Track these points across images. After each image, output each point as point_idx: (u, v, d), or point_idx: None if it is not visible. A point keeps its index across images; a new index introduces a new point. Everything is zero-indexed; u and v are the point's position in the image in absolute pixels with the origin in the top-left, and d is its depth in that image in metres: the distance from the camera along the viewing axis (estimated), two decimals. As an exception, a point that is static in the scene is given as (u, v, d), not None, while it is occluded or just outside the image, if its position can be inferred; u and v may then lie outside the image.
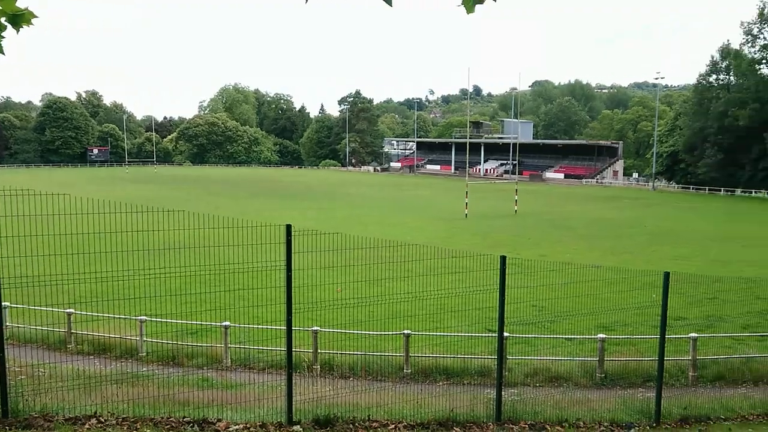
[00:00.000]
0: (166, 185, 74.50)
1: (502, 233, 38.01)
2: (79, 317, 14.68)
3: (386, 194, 67.54)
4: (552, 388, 11.81)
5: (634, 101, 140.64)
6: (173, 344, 13.85)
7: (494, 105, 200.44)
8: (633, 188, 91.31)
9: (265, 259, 8.25)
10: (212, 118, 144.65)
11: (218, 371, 12.91)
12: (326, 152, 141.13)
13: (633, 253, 32.25)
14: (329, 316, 14.84)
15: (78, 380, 8.77)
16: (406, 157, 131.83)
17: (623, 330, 16.21)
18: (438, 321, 16.60)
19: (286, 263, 6.52)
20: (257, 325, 14.16)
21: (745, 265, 28.82)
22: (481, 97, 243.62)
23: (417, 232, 37.24)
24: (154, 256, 12.34)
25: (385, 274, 17.42)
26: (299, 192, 67.75)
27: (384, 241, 17.72)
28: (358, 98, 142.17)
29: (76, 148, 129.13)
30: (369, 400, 7.89)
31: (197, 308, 15.62)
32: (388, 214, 47.56)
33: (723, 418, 9.10)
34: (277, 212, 45.47)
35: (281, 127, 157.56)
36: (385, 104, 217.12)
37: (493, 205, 54.34)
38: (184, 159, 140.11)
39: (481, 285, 15.96)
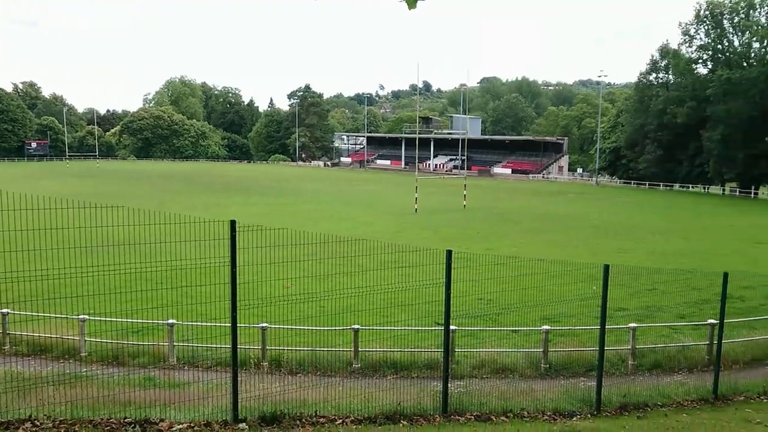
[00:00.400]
0: (110, 180, 72.37)
1: (451, 227, 38.44)
2: (15, 317, 14.12)
3: (336, 189, 67.34)
4: (498, 379, 12.03)
5: (578, 98, 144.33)
6: (116, 343, 13.48)
7: (443, 101, 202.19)
8: (577, 183, 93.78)
9: (210, 256, 8.11)
10: (158, 111, 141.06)
11: (163, 370, 12.63)
12: (276, 147, 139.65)
13: (577, 246, 33.12)
14: (278, 312, 14.70)
15: (13, 383, 8.44)
16: (357, 152, 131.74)
17: (567, 321, 16.64)
18: (387, 315, 16.65)
19: (231, 259, 6.42)
20: (203, 322, 13.93)
21: (683, 257, 29.99)
22: (431, 93, 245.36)
23: (367, 226, 37.29)
24: (95, 254, 11.97)
25: (334, 270, 17.34)
26: (248, 187, 66.84)
27: (333, 236, 17.71)
28: (308, 92, 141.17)
29: (13, 142, 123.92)
30: (317, 395, 7.87)
31: (141, 306, 15.22)
32: (338, 209, 47.46)
33: (660, 405, 9.45)
34: (225, 208, 44.78)
35: (229, 121, 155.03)
36: (336, 99, 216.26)
37: (442, 200, 54.86)
38: (128, 153, 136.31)
39: (430, 279, 16.13)
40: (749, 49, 74.29)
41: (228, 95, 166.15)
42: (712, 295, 20.32)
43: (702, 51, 78.67)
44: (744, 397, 10.35)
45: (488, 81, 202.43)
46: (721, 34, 75.92)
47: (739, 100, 68.93)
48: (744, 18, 74.10)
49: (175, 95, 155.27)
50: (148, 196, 51.75)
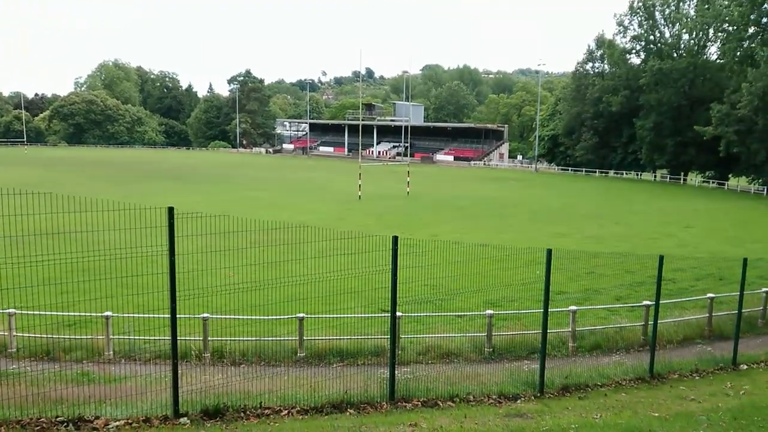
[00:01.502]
0: (39, 167, 69.18)
1: (395, 214, 38.53)
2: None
3: (279, 176, 66.45)
4: (444, 364, 12.11)
5: (518, 86, 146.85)
6: (48, 338, 12.85)
7: (386, 88, 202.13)
8: (517, 170, 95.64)
9: (147, 245, 7.76)
10: (90, 95, 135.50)
11: (99, 364, 12.13)
12: (216, 133, 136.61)
13: (517, 231, 33.79)
14: (220, 302, 14.35)
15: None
16: (299, 139, 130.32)
17: (510, 305, 16.91)
18: (332, 303, 16.50)
19: (169, 248, 6.15)
20: (142, 314, 13.45)
21: (618, 241, 31.02)
22: (374, 80, 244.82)
23: (310, 214, 36.93)
24: (22, 244, 11.33)
25: (278, 257, 17.06)
26: (187, 174, 65.15)
27: (275, 223, 17.37)
28: (249, 78, 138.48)
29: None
30: (261, 386, 7.69)
31: (75, 298, 14.58)
32: (281, 196, 46.85)
33: (600, 385, 9.70)
34: (163, 196, 43.50)
35: (167, 106, 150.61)
36: (277, 85, 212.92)
37: (386, 187, 54.93)
38: (58, 139, 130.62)
39: (375, 265, 16.07)
40: (679, 41, 77.19)
41: (165, 80, 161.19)
42: (646, 278, 21.09)
43: (635, 42, 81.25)
44: (678, 375, 10.76)
45: (430, 68, 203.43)
46: (653, 25, 78.57)
47: (669, 89, 71.62)
48: (674, 10, 76.89)
49: (109, 79, 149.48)
50: (80, 184, 49.73)
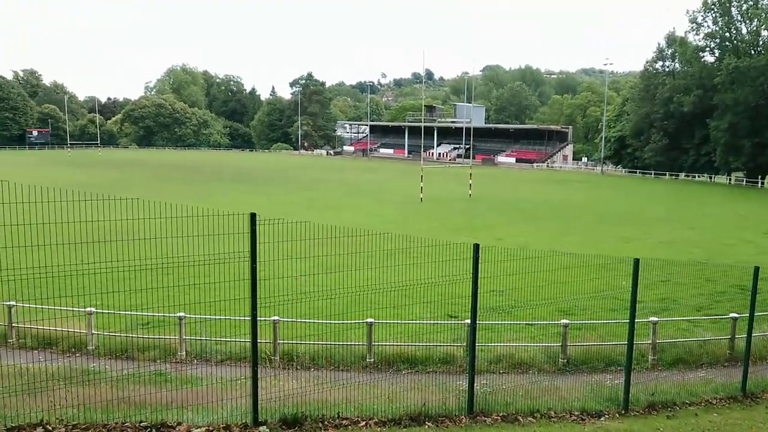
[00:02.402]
0: (112, 169, 71.99)
1: (457, 217, 38.09)
2: (22, 310, 13.83)
3: (340, 178, 66.94)
4: (517, 374, 11.74)
5: (583, 87, 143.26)
6: (124, 337, 13.20)
7: (446, 89, 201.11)
8: (582, 172, 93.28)
9: (220, 250, 7.78)
10: (159, 99, 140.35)
11: (173, 364, 12.35)
12: (278, 135, 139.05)
13: (582, 234, 32.83)
14: (288, 306, 14.40)
15: (21, 380, 8.14)
16: (359, 141, 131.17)
17: (582, 314, 16.32)
18: (399, 308, 16.37)
19: (251, 254, 6.08)
20: (213, 315, 13.65)
21: (691, 246, 29.67)
22: (434, 81, 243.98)
23: (372, 216, 36.95)
24: (102, 248, 11.64)
25: (344, 262, 17.06)
26: (250, 176, 66.45)
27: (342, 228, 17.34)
28: (310, 81, 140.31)
29: (14, 130, 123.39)
30: (337, 395, 7.57)
31: (149, 299, 14.96)
32: (342, 198, 47.09)
33: (688, 403, 9.15)
34: (228, 197, 44.44)
35: (231, 109, 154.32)
36: (338, 87, 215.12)
37: (447, 189, 54.47)
38: (129, 142, 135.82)
39: (443, 271, 15.81)
40: (757, 37, 73.48)
41: (230, 83, 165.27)
42: (727, 287, 20.01)
43: (709, 39, 77.84)
44: (773, 395, 10.05)
45: (491, 69, 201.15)
46: (728, 22, 75.08)
47: (746, 88, 68.25)
48: (752, 6, 73.24)
49: (177, 83, 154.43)
50: (148, 186, 51.43)
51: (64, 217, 7.91)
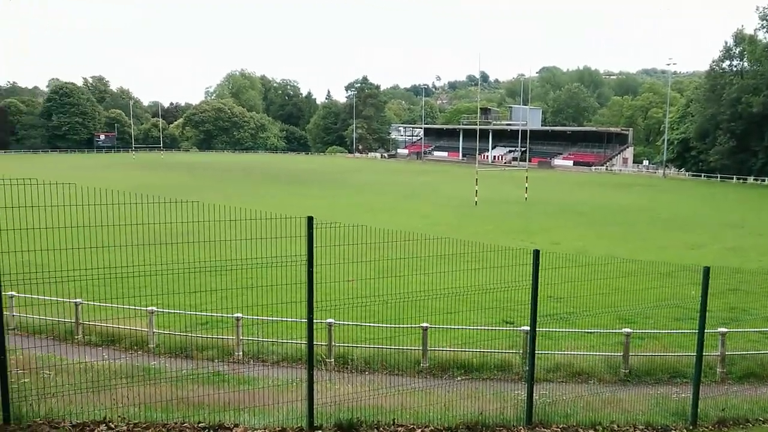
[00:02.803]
0: (174, 171, 74.17)
1: (513, 220, 37.51)
2: (87, 308, 14.34)
3: (394, 181, 67.00)
4: (576, 384, 11.40)
5: (644, 87, 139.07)
6: (184, 336, 13.49)
7: (501, 91, 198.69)
8: (643, 175, 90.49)
9: (275, 253, 7.82)
10: (219, 104, 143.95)
11: (230, 364, 12.55)
12: (333, 138, 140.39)
13: (645, 240, 31.80)
14: (342, 310, 14.42)
15: (86, 376, 8.39)
16: (414, 144, 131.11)
17: (644, 323, 15.74)
18: (454, 313, 16.18)
19: (307, 258, 6.07)
20: (269, 317, 13.79)
21: (761, 254, 28.29)
22: (488, 84, 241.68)
23: (426, 219, 36.78)
24: (163, 250, 11.95)
25: (400, 266, 17.00)
26: (306, 179, 67.28)
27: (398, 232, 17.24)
28: (365, 84, 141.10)
29: (83, 134, 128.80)
30: (392, 401, 7.47)
31: (208, 300, 15.26)
32: (396, 200, 47.09)
33: (762, 420, 8.65)
34: (284, 199, 45.07)
35: (288, 113, 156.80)
36: (392, 90, 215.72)
37: (502, 192, 53.77)
38: (190, 145, 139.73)
39: (499, 276, 15.51)
40: (833, 34, 69.74)
41: (286, 87, 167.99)
42: (803, 297, 18.96)
43: (781, 36, 74.32)
44: None
45: (548, 70, 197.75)
46: (802, 18, 71.52)
47: (821, 88, 64.83)
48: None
49: (236, 88, 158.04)
50: (209, 188, 52.71)
51: (129, 220, 8.11)
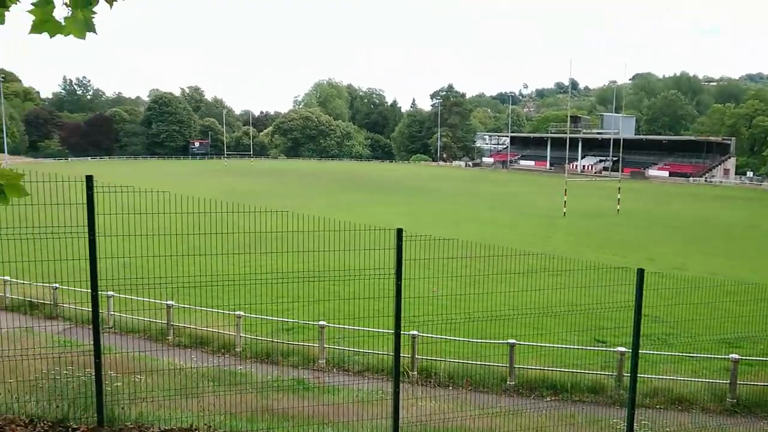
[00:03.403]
0: (262, 178, 76.45)
1: (604, 233, 35.99)
2: (178, 311, 14.81)
3: (478, 190, 66.10)
4: (676, 411, 10.62)
5: (749, 94, 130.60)
6: (269, 341, 13.66)
7: (592, 99, 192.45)
8: (747, 188, 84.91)
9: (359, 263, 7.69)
10: (306, 112, 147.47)
11: (313, 372, 12.58)
12: (417, 147, 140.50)
13: (751, 258, 29.63)
14: (425, 321, 14.18)
15: (176, 379, 8.56)
16: (499, 153, 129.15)
17: (753, 349, 14.54)
18: (542, 329, 15.57)
19: (396, 271, 5.87)
20: (352, 326, 13.73)
21: None
22: (578, 91, 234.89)
23: (512, 230, 35.96)
24: (253, 258, 12.14)
25: (487, 281, 16.57)
26: (390, 187, 67.53)
27: (484, 245, 16.86)
28: (451, 92, 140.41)
29: (179, 141, 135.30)
30: (480, 422, 7.15)
31: (293, 308, 15.42)
32: (482, 211, 46.32)
33: None
34: (368, 207, 45.34)
35: (373, 121, 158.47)
36: (478, 98, 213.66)
37: (592, 204, 51.84)
38: (278, 152, 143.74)
39: (590, 292, 14.78)
40: None
41: (372, 96, 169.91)
42: None
43: None
44: None
45: (642, 77, 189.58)
46: None
47: None
48: None
49: (323, 97, 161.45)
50: (296, 194, 53.85)
51: (220, 228, 8.23)
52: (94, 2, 2.73)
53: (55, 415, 5.39)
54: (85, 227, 5.30)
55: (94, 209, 5.18)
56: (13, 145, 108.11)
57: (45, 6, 2.69)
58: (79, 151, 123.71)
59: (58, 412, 5.42)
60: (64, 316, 16.01)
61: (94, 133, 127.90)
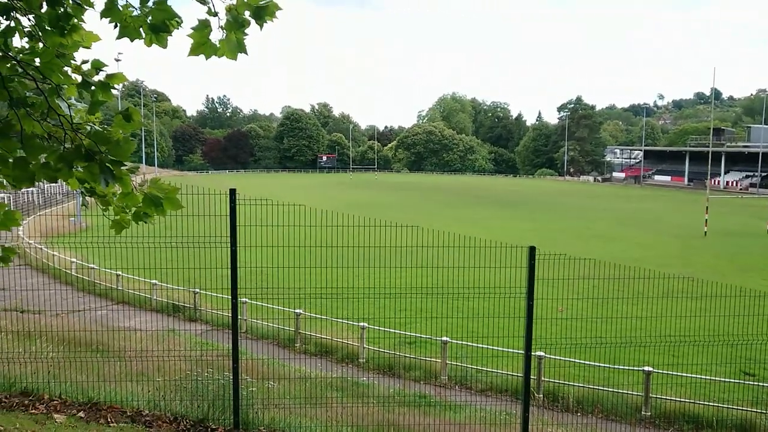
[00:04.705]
0: (385, 191, 77.81)
1: (750, 255, 32.94)
2: (305, 320, 15.32)
3: (608, 206, 63.07)
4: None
5: None
6: (391, 354, 13.76)
7: (737, 110, 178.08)
8: None
9: (487, 280, 7.52)
10: (429, 126, 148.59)
11: (435, 387, 12.49)
12: (542, 161, 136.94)
13: None
14: (553, 344, 13.62)
15: (304, 385, 8.82)
16: (631, 167, 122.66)
17: None
18: (679, 356, 14.46)
19: (527, 290, 5.66)
20: (475, 343, 13.50)
21: None
22: (721, 101, 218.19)
23: (645, 249, 33.86)
24: (380, 272, 12.32)
25: (621, 304, 15.70)
26: (514, 201, 66.18)
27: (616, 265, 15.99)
28: (579, 104, 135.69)
29: (308, 155, 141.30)
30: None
31: (415, 320, 15.46)
32: (612, 227, 44.10)
33: None
34: (493, 222, 44.66)
35: (497, 135, 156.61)
36: (608, 111, 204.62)
37: (738, 222, 47.73)
38: (402, 166, 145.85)
39: (734, 320, 13.54)
40: None
41: (496, 110, 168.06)
42: None
43: None
44: None
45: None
46: None
47: None
48: None
49: (447, 111, 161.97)
50: (421, 208, 54.20)
51: (348, 241, 8.41)
52: (246, 24, 2.86)
53: (196, 414, 5.70)
54: (225, 237, 5.59)
55: (236, 221, 5.46)
56: (162, 159, 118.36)
57: (203, 29, 2.86)
58: (218, 164, 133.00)
59: (199, 412, 5.74)
60: (204, 319, 17.11)
61: (232, 148, 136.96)
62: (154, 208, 3.18)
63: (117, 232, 3.45)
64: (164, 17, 2.89)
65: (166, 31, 2.97)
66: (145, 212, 3.23)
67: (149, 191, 3.16)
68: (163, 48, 3.05)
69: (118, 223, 3.41)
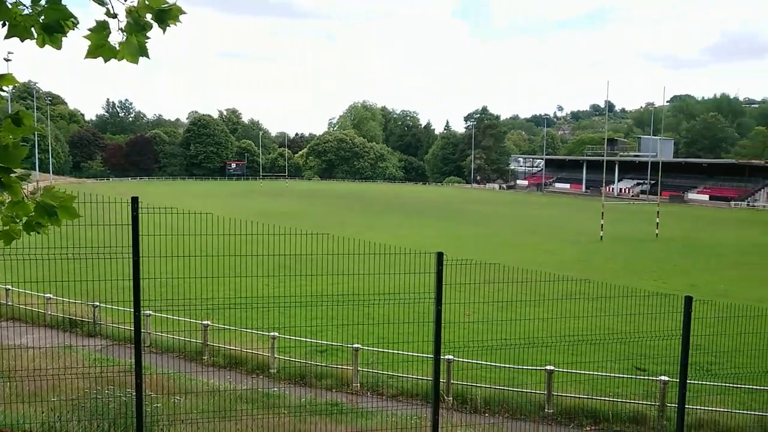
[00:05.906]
0: (296, 199, 77.14)
1: (643, 259, 35.21)
2: (212, 331, 14.90)
3: (513, 213, 65.53)
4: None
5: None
6: (303, 363, 13.63)
7: (629, 121, 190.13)
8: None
9: (395, 285, 7.64)
10: (341, 134, 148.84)
11: (347, 395, 12.49)
12: (451, 169, 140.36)
13: (799, 285, 28.58)
14: (461, 347, 13.96)
15: (212, 399, 8.58)
16: (534, 175, 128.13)
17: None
18: (579, 354, 15.23)
19: (435, 296, 5.80)
20: (386, 349, 13.63)
21: None
22: (614, 113, 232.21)
23: (548, 254, 35.43)
24: (290, 280, 12.18)
25: (524, 306, 16.31)
26: (423, 209, 67.42)
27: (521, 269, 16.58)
28: (485, 114, 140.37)
29: (216, 162, 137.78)
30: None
31: (326, 328, 15.41)
32: (516, 234, 45.86)
33: None
34: (402, 229, 45.25)
35: (406, 143, 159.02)
36: (512, 121, 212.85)
37: (630, 227, 50.86)
38: (312, 174, 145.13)
39: (628, 319, 14.43)
40: None
41: (406, 118, 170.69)
42: None
43: None
44: None
45: (680, 99, 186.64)
46: None
47: None
48: None
49: (357, 119, 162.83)
50: (332, 216, 54.12)
51: (256, 250, 8.28)
52: (148, 27, 2.78)
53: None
54: (127, 247, 5.37)
55: (139, 230, 5.26)
56: (57, 165, 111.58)
57: (101, 31, 2.75)
58: (120, 171, 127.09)
59: (99, 431, 5.46)
60: (104, 334, 16.27)
61: (135, 154, 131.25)
62: (48, 217, 3.01)
63: (6, 243, 3.24)
64: (58, 17, 2.76)
65: (60, 32, 2.83)
66: (37, 222, 3.06)
67: (42, 200, 3.00)
68: (58, 49, 2.91)
69: (7, 233, 3.21)
